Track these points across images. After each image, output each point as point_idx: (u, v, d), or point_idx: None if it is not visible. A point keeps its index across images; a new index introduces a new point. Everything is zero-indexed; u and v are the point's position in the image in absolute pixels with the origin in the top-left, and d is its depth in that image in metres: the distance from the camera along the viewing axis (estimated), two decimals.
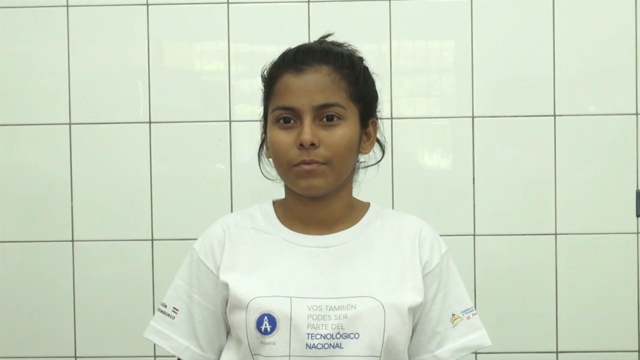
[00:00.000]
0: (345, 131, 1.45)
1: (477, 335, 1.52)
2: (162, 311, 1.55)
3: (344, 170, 1.48)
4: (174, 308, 1.54)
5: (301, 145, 1.42)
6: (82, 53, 2.40)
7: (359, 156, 1.53)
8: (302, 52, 1.49)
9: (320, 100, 1.44)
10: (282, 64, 1.50)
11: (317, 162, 1.43)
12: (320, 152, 1.43)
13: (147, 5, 2.39)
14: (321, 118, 1.44)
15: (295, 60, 1.47)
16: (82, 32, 2.40)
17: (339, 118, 1.45)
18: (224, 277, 1.48)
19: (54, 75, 2.40)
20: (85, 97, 2.40)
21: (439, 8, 2.38)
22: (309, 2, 2.38)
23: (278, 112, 1.46)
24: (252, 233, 1.52)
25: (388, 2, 2.38)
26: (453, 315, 1.51)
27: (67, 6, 2.39)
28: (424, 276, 1.50)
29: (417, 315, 1.50)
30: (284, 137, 1.45)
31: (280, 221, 1.53)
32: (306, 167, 1.43)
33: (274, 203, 1.57)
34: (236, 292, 1.46)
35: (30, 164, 2.43)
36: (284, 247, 1.50)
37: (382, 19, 2.38)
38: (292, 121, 1.45)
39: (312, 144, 1.42)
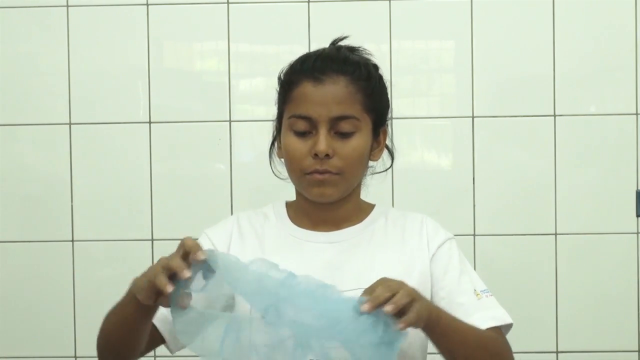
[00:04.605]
0: (358, 142, 1.48)
1: (502, 311, 1.51)
2: None
3: (355, 179, 1.52)
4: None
5: (316, 155, 1.46)
6: (82, 53, 2.40)
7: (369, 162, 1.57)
8: (322, 60, 1.50)
9: (337, 111, 1.46)
10: (300, 70, 1.51)
11: (329, 172, 1.47)
12: (334, 163, 1.47)
13: (147, 5, 2.39)
14: (336, 129, 1.47)
15: (314, 69, 1.48)
16: (82, 32, 2.40)
17: (353, 130, 1.48)
18: None
19: (54, 75, 2.40)
20: (85, 97, 2.40)
21: (439, 8, 2.38)
22: (309, 2, 2.38)
23: (294, 120, 1.48)
24: (262, 229, 1.56)
25: (388, 2, 2.38)
26: (475, 290, 1.51)
27: (67, 6, 2.39)
28: (431, 257, 1.52)
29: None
30: (298, 145, 1.48)
31: (291, 220, 1.57)
32: (319, 176, 1.47)
33: (287, 203, 1.60)
34: None
35: (30, 164, 2.43)
36: (291, 242, 1.54)
37: (382, 19, 2.38)
38: (307, 130, 1.47)
39: (327, 155, 1.45)
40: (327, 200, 1.50)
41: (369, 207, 1.60)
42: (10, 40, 2.41)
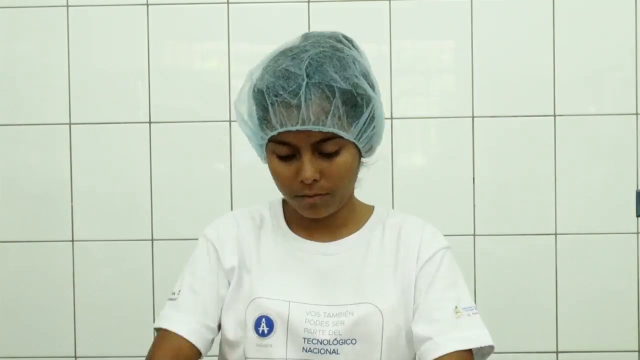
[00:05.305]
0: (345, 159, 1.40)
1: (480, 332, 1.44)
2: (169, 299, 1.51)
3: (347, 193, 1.47)
4: (178, 291, 1.49)
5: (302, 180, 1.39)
6: (82, 53, 2.40)
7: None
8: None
9: (318, 136, 1.36)
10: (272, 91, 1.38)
11: (319, 194, 1.41)
12: (323, 185, 1.40)
13: (147, 5, 2.39)
14: (320, 150, 1.38)
15: (287, 90, 1.36)
16: (82, 32, 2.40)
17: (337, 148, 1.39)
18: (228, 265, 1.49)
19: (54, 75, 2.40)
20: (85, 97, 2.40)
21: (439, 8, 2.38)
22: (309, 2, 2.38)
23: (274, 145, 1.40)
24: (259, 234, 1.52)
25: (388, 2, 2.38)
26: (456, 307, 1.44)
27: (67, 6, 2.39)
28: (419, 270, 1.46)
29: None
30: (283, 170, 1.40)
31: (287, 223, 1.53)
32: (309, 199, 1.41)
33: (284, 201, 1.55)
34: (238, 288, 1.47)
35: (30, 164, 2.43)
36: (287, 252, 1.50)
37: (382, 19, 2.38)
38: (290, 154, 1.39)
39: (314, 179, 1.39)
40: (320, 216, 1.45)
41: (367, 211, 1.54)
42: (10, 40, 2.41)
